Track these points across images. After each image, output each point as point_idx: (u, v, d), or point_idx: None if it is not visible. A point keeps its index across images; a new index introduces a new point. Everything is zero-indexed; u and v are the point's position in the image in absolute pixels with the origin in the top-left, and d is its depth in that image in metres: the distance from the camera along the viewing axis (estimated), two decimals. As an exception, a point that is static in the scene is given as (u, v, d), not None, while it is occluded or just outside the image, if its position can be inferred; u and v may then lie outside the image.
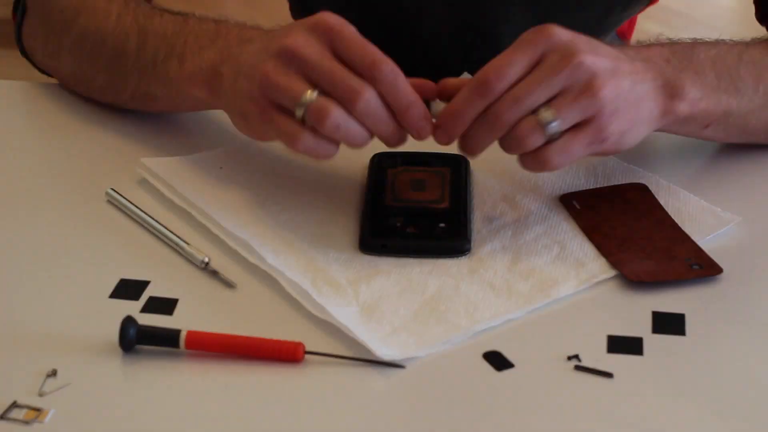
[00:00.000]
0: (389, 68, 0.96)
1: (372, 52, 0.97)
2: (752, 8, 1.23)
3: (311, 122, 0.97)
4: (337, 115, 0.96)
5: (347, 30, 0.98)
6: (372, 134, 0.98)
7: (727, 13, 3.39)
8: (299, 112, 0.97)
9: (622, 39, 1.45)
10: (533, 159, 0.98)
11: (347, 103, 0.96)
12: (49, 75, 1.26)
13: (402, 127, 0.99)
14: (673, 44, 1.08)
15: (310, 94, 0.97)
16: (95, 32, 1.17)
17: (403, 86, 0.97)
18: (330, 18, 0.99)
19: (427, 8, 1.30)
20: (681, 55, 1.06)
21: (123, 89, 1.17)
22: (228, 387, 0.88)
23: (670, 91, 1.04)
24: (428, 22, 1.31)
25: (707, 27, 3.23)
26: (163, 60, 1.12)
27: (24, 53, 1.26)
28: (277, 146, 1.05)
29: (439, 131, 1.00)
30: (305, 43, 0.98)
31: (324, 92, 0.97)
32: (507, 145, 0.99)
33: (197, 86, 1.09)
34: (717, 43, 1.09)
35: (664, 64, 1.05)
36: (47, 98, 1.24)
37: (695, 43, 1.09)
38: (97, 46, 1.17)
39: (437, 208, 1.05)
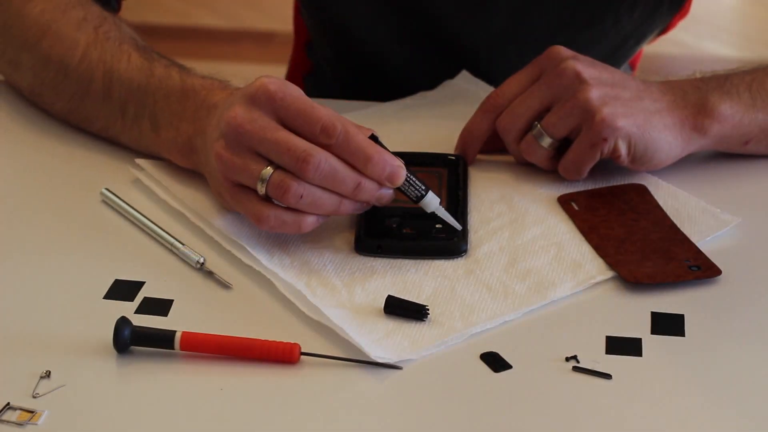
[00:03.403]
0: (338, 130, 0.95)
1: (317, 117, 0.95)
2: (755, 6, 1.24)
3: (275, 198, 0.96)
4: (296, 186, 0.95)
5: (289, 96, 0.96)
6: (343, 196, 0.97)
7: (730, 12, 3.38)
8: (261, 190, 0.96)
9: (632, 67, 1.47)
10: (560, 171, 1.08)
11: (299, 173, 0.95)
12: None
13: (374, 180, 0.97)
14: (706, 74, 1.13)
15: (267, 170, 0.96)
16: (58, 62, 1.14)
17: (356, 143, 0.95)
18: (270, 85, 0.97)
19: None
20: (712, 81, 1.11)
21: (87, 125, 1.16)
22: (223, 388, 0.88)
23: (698, 110, 1.08)
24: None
25: (709, 25, 3.23)
26: (134, 118, 1.11)
27: None
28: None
29: (458, 149, 1.12)
30: (246, 118, 0.96)
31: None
32: (521, 160, 1.10)
33: (174, 155, 1.08)
34: (755, 70, 1.13)
35: (693, 89, 1.09)
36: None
37: (731, 72, 1.13)
38: (59, 77, 1.15)
39: (434, 208, 1.04)
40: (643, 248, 1.01)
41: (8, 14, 1.19)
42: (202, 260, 0.99)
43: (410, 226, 1.02)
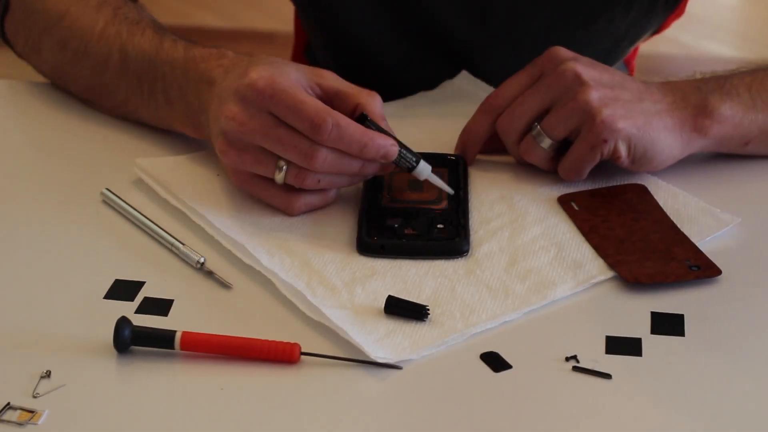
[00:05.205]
0: (328, 126, 0.98)
1: (307, 115, 0.98)
2: (754, 6, 1.24)
3: (295, 185, 1.02)
4: (312, 174, 1.00)
5: (278, 93, 0.99)
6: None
7: (729, 12, 3.38)
8: (279, 180, 1.01)
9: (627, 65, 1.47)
10: (560, 173, 1.08)
11: (307, 168, 1.00)
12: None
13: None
14: (706, 75, 1.13)
15: (281, 163, 1.00)
16: (79, 37, 1.18)
17: (348, 135, 0.98)
18: (259, 82, 0.99)
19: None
20: (712, 82, 1.11)
21: (108, 100, 1.18)
22: (223, 388, 0.88)
23: (698, 111, 1.08)
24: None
25: (709, 25, 3.23)
26: (149, 91, 1.13)
27: (5, 40, 1.27)
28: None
29: (458, 149, 1.12)
30: (243, 117, 1.00)
31: None
32: (521, 161, 1.10)
33: (188, 129, 1.12)
34: (754, 71, 1.13)
35: (693, 90, 1.10)
36: (43, 97, 1.24)
37: (731, 73, 1.13)
38: (79, 54, 1.18)
39: (435, 208, 1.04)
40: (643, 248, 1.01)
41: (29, 1, 1.22)
42: (202, 260, 0.99)
43: (412, 226, 1.02)
